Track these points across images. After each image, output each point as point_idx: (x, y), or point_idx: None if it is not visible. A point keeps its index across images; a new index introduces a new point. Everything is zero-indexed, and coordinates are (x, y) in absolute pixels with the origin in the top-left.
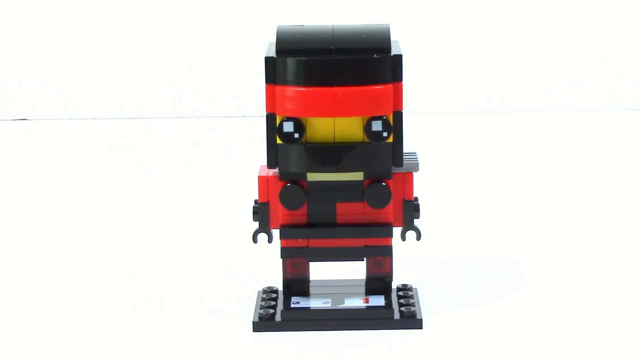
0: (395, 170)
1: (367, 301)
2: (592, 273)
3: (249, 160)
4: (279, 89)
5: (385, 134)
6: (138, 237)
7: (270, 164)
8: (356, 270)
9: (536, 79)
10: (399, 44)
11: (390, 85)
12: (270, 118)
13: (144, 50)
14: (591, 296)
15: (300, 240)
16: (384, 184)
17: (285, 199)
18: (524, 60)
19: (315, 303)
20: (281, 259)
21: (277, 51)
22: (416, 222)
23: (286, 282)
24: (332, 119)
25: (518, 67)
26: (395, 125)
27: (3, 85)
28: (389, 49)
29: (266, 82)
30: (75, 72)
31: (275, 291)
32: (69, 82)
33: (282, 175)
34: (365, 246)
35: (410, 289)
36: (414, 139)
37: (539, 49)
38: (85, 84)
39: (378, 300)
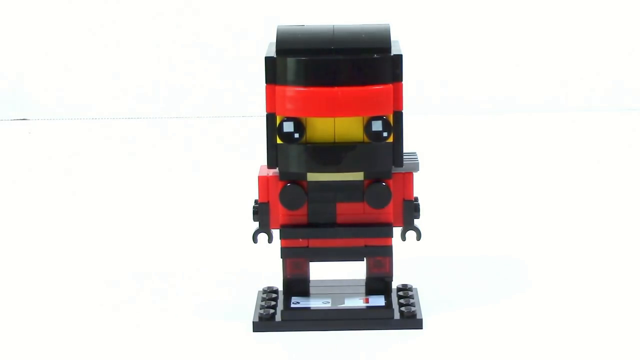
0: (395, 170)
1: (367, 301)
2: (593, 273)
3: (249, 160)
4: (279, 89)
5: (385, 134)
6: (138, 237)
7: (270, 164)
8: (356, 270)
9: (536, 79)
10: (399, 44)
11: (390, 85)
12: (270, 118)
13: (144, 50)
14: (592, 296)
15: (300, 240)
16: (384, 184)
17: (285, 199)
18: (524, 60)
19: (315, 303)
20: (281, 259)
21: (277, 51)
22: (416, 222)
23: (286, 282)
24: (332, 119)
25: (518, 67)
26: (395, 125)
27: (3, 85)
28: (389, 49)
29: (266, 82)
30: (75, 72)
31: (275, 291)
32: (69, 82)
33: (282, 175)
34: (365, 246)
35: (410, 289)
36: (414, 139)
37: (539, 49)
38: (85, 84)
39: (378, 300)
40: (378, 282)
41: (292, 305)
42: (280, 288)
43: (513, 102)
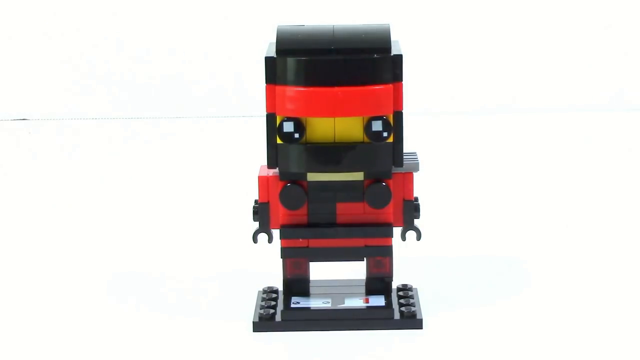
0: (395, 170)
1: (367, 301)
2: (593, 273)
3: (249, 160)
4: (279, 89)
5: (385, 134)
6: (138, 237)
7: (270, 164)
8: (356, 270)
9: (536, 79)
10: (399, 44)
11: (391, 85)
12: (270, 118)
13: (144, 50)
14: (592, 297)
15: (300, 240)
16: (384, 184)
17: (285, 199)
18: (524, 60)
19: (315, 303)
20: (281, 259)
21: (277, 51)
22: (416, 222)
23: (286, 282)
24: (332, 119)
25: (518, 67)
26: (395, 125)
27: (3, 85)
28: (389, 48)
29: (266, 82)
30: (75, 72)
31: (275, 291)
32: (69, 82)
33: (282, 175)
34: (366, 246)
35: (410, 289)
36: (414, 139)
37: (539, 49)
38: (85, 84)
39: (378, 300)
40: (378, 282)
41: (292, 305)
42: (280, 288)
43: (513, 102)
